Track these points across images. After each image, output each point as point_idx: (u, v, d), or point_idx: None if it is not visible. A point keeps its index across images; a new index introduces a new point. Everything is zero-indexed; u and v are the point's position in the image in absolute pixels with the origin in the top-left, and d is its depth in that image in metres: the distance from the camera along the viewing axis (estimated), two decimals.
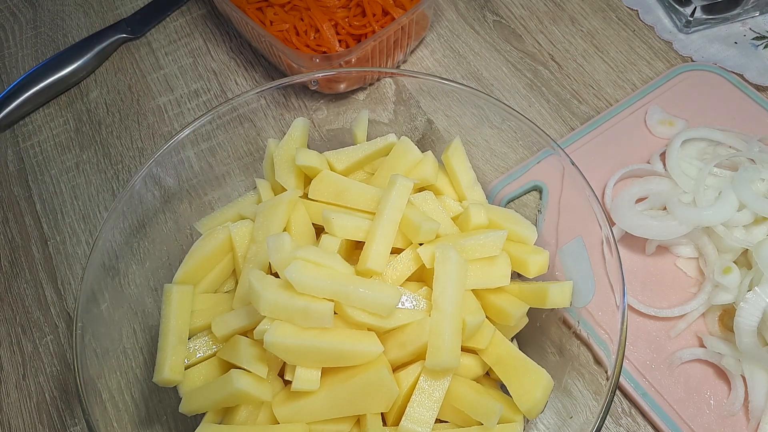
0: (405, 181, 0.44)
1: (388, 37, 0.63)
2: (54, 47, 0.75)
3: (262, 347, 0.39)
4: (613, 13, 0.74)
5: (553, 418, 0.46)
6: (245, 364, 0.41)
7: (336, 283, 0.39)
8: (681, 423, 0.49)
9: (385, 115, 0.60)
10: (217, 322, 0.44)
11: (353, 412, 0.41)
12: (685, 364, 0.52)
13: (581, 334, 0.47)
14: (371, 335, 0.41)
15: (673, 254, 0.57)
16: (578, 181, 0.47)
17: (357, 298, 0.39)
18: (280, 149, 0.51)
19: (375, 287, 0.40)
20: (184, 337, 0.45)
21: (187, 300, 0.46)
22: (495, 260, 0.45)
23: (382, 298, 0.40)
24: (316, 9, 0.66)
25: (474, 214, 0.46)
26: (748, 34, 0.71)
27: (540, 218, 0.54)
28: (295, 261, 0.39)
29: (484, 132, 0.54)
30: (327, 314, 0.39)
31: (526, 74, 0.70)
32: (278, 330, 0.39)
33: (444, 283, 0.41)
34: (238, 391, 0.41)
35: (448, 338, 0.40)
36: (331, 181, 0.48)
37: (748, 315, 0.48)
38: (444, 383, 0.41)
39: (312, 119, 0.62)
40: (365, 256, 0.42)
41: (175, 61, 0.73)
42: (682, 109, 0.64)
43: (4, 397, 0.54)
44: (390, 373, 0.40)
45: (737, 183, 0.54)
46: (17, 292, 0.59)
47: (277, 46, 0.61)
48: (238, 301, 0.46)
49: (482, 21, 0.74)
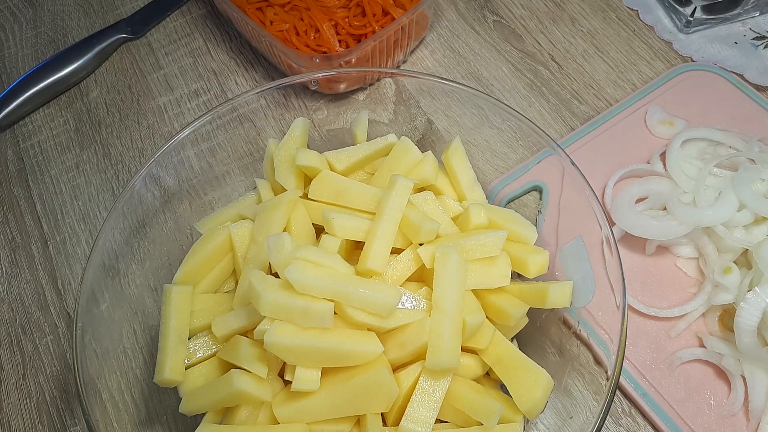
0: (405, 182, 0.44)
1: (388, 37, 0.63)
2: (54, 47, 0.75)
3: (262, 347, 0.39)
4: (613, 13, 0.74)
5: (553, 418, 0.46)
6: (245, 364, 0.41)
7: (336, 283, 0.39)
8: (681, 423, 0.49)
9: (385, 115, 0.60)
10: (217, 322, 0.44)
11: (353, 413, 0.41)
12: (685, 364, 0.52)
13: (581, 334, 0.47)
14: (371, 335, 0.41)
15: (673, 254, 0.57)
16: (578, 181, 0.47)
17: (357, 298, 0.39)
18: (281, 149, 0.51)
19: (375, 287, 0.40)
20: (184, 337, 0.45)
21: (186, 300, 0.46)
22: (495, 260, 0.45)
23: (382, 298, 0.40)
24: (316, 9, 0.66)
25: (474, 215, 0.46)
26: (748, 34, 0.71)
27: (540, 218, 0.53)
28: (295, 261, 0.39)
29: (484, 132, 0.54)
30: (327, 314, 0.39)
31: (526, 74, 0.70)
32: (278, 330, 0.39)
33: (444, 283, 0.41)
34: (238, 391, 0.41)
35: (448, 338, 0.40)
36: (331, 181, 0.48)
37: (748, 315, 0.48)
38: (444, 383, 0.41)
39: (312, 119, 0.62)
40: (365, 256, 0.42)
41: (175, 61, 0.73)
42: (682, 109, 0.64)
43: (4, 397, 0.54)
44: (390, 374, 0.40)
45: (737, 183, 0.54)
46: (17, 292, 0.59)
47: (278, 46, 0.61)
48: (238, 301, 0.46)
49: (482, 21, 0.74)
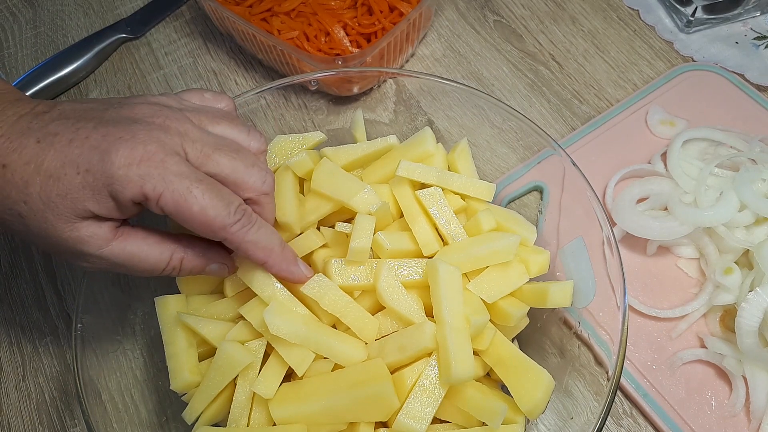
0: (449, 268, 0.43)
1: (401, 32, 0.63)
2: (54, 47, 0.75)
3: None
4: (614, 13, 0.74)
5: (554, 419, 0.46)
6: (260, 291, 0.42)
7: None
8: (682, 424, 0.49)
9: (385, 115, 0.60)
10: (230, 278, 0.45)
11: (351, 420, 0.41)
12: (686, 365, 0.52)
13: (582, 334, 0.47)
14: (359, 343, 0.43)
15: (674, 255, 0.57)
16: (579, 182, 0.47)
17: (327, 348, 0.41)
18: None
19: (344, 340, 0.42)
20: (192, 340, 0.45)
21: (182, 308, 0.46)
22: (509, 264, 0.45)
23: (350, 351, 0.42)
24: (324, 12, 0.66)
25: (484, 221, 0.46)
26: (749, 34, 0.71)
27: (541, 218, 0.53)
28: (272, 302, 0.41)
29: (485, 132, 0.54)
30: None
31: (526, 74, 0.70)
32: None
33: (438, 295, 0.41)
34: (229, 357, 0.41)
35: (454, 350, 0.39)
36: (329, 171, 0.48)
37: (749, 315, 0.48)
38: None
39: (312, 119, 0.62)
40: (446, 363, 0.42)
41: (175, 61, 0.73)
42: (683, 109, 0.64)
43: (4, 398, 0.54)
44: (392, 387, 0.40)
45: (738, 183, 0.53)
46: (17, 292, 0.59)
47: (295, 53, 0.61)
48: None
49: (483, 21, 0.74)
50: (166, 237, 0.39)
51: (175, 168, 0.35)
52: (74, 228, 0.36)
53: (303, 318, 0.42)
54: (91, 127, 0.35)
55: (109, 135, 0.35)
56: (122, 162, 0.34)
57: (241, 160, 0.38)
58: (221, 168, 0.38)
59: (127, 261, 0.38)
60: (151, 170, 0.35)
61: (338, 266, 0.43)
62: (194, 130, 0.38)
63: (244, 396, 0.43)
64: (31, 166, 0.35)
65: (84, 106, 0.37)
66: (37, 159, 0.35)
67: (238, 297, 0.46)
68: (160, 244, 0.39)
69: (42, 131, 0.35)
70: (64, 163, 0.34)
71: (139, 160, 0.35)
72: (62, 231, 0.35)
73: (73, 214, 0.35)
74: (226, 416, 0.43)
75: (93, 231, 0.36)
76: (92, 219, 0.36)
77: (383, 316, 0.43)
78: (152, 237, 0.39)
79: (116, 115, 0.37)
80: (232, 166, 0.38)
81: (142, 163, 0.35)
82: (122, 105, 0.38)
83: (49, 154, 0.35)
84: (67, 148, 0.35)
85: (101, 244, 0.37)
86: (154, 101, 0.39)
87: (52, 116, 0.36)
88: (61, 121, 0.36)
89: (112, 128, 0.35)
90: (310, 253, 0.46)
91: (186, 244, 0.40)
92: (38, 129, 0.35)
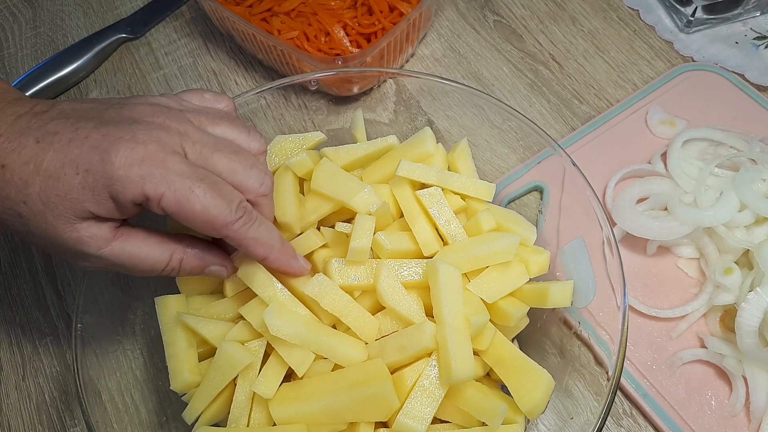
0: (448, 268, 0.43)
1: (400, 32, 0.63)
2: (54, 47, 0.75)
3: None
4: (614, 13, 0.74)
5: (554, 419, 0.46)
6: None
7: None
8: (682, 424, 0.49)
9: (385, 115, 0.60)
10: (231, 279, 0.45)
11: (351, 419, 0.41)
12: (686, 365, 0.52)
13: (582, 334, 0.47)
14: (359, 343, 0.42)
15: (674, 255, 0.57)
16: (579, 182, 0.47)
17: (327, 348, 0.41)
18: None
19: (344, 340, 0.42)
20: (192, 340, 0.45)
21: (182, 308, 0.46)
22: (509, 264, 0.45)
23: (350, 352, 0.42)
24: (324, 13, 0.66)
25: (484, 221, 0.46)
26: (749, 34, 0.71)
27: (541, 218, 0.53)
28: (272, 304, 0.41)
29: (485, 132, 0.54)
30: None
31: (526, 74, 0.70)
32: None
33: (438, 294, 0.41)
34: (229, 357, 0.41)
35: (454, 350, 0.39)
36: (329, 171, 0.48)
37: (749, 315, 0.48)
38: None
39: (312, 119, 0.62)
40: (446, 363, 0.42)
41: (175, 61, 0.73)
42: (683, 109, 0.64)
43: (4, 398, 0.54)
44: (392, 387, 0.40)
45: (738, 183, 0.53)
46: (17, 292, 0.59)
47: (295, 53, 0.61)
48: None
49: (483, 21, 0.74)
50: (166, 237, 0.39)
51: (176, 167, 0.35)
52: (74, 228, 0.36)
53: (303, 318, 0.42)
54: (90, 127, 0.35)
55: (109, 135, 0.35)
56: (122, 162, 0.34)
57: (240, 162, 0.38)
58: (219, 170, 0.38)
59: (126, 261, 0.38)
60: (152, 170, 0.35)
61: (338, 266, 0.43)
62: (194, 131, 0.38)
63: (244, 396, 0.42)
64: (30, 166, 0.34)
65: (84, 106, 0.37)
66: (36, 159, 0.35)
67: (238, 297, 0.46)
68: (159, 245, 0.39)
69: (41, 130, 0.35)
70: (63, 163, 0.34)
71: (139, 161, 0.34)
72: (62, 231, 0.35)
73: (73, 214, 0.35)
74: (226, 416, 0.43)
75: (93, 231, 0.36)
76: (92, 219, 0.36)
77: (383, 316, 0.43)
78: (152, 237, 0.39)
79: (116, 114, 0.37)
80: (231, 168, 0.38)
81: (143, 163, 0.35)
82: (122, 105, 0.38)
83: (49, 154, 0.35)
84: (66, 148, 0.35)
85: (101, 244, 0.37)
86: (155, 101, 0.39)
87: (52, 115, 0.36)
88: (61, 121, 0.36)
89: (112, 128, 0.35)
90: (310, 253, 0.46)
91: (186, 244, 0.40)
92: (37, 128, 0.35)
